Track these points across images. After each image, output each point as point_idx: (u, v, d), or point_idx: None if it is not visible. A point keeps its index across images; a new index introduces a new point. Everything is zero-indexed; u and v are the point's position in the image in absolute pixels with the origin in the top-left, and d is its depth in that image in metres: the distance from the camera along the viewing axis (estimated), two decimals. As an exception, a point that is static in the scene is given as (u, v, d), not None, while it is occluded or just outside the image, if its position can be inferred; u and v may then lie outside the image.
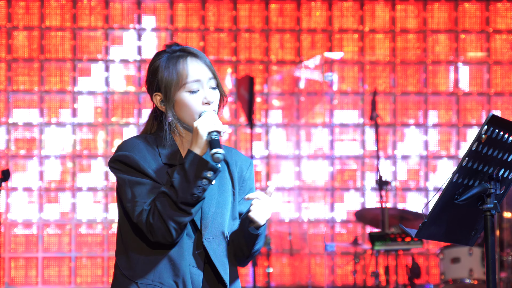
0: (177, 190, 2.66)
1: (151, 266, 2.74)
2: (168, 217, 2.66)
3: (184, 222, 2.67)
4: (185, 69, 2.77)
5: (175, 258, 2.73)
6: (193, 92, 2.77)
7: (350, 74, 8.68)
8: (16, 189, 8.32)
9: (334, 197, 8.55)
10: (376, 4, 8.67)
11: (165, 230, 2.67)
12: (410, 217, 7.26)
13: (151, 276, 2.73)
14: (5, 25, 8.38)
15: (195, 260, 2.75)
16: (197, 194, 2.66)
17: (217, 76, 2.80)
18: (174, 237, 2.68)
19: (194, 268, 2.75)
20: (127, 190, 2.74)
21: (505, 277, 6.93)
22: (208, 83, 2.78)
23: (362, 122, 8.63)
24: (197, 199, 2.66)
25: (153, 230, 2.68)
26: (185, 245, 2.74)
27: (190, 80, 2.77)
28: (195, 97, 2.76)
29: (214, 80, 2.79)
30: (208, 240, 2.75)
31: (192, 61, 2.78)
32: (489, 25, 8.71)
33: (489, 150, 2.75)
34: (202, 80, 2.77)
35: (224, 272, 2.76)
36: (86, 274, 8.30)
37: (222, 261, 2.77)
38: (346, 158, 8.62)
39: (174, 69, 2.77)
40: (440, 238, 2.87)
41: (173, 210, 2.66)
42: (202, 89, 2.77)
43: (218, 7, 8.56)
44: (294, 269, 8.51)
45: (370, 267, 7.42)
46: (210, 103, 2.76)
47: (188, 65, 2.78)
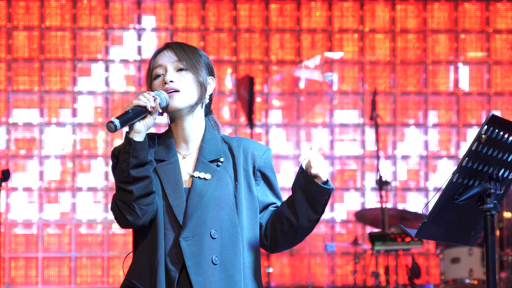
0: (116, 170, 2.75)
1: (137, 262, 2.78)
2: (117, 199, 2.73)
3: (128, 200, 2.70)
4: (153, 59, 2.85)
5: (152, 254, 2.75)
6: (156, 77, 2.83)
7: (350, 74, 8.68)
8: (16, 189, 8.32)
9: (334, 197, 8.55)
10: (376, 4, 8.67)
11: (119, 212, 2.73)
12: (410, 217, 7.26)
13: (136, 272, 2.78)
14: (5, 25, 8.38)
15: (174, 257, 2.74)
16: (125, 170, 2.68)
17: (190, 60, 2.81)
18: (129, 218, 2.71)
19: (172, 265, 2.73)
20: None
21: (505, 277, 6.93)
22: (173, 65, 2.81)
23: (362, 122, 8.63)
24: (128, 175, 2.68)
25: (115, 216, 2.76)
26: (162, 239, 2.74)
27: (154, 67, 2.83)
28: (157, 82, 2.82)
29: (181, 63, 2.80)
30: (186, 239, 2.73)
31: (163, 52, 2.84)
32: (489, 25, 8.71)
33: (489, 150, 2.75)
34: (164, 64, 2.81)
35: (196, 273, 2.71)
36: (86, 274, 8.30)
37: (197, 261, 2.72)
38: (346, 158, 8.62)
39: (150, 60, 2.87)
40: (440, 238, 2.87)
41: (117, 192, 2.73)
42: (165, 73, 2.81)
43: (218, 7, 8.56)
44: (294, 269, 8.51)
45: (370, 267, 7.42)
46: (167, 83, 2.78)
47: (158, 55, 2.84)
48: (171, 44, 2.86)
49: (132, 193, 2.69)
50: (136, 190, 2.69)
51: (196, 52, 2.86)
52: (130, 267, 2.81)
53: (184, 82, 2.79)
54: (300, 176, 2.77)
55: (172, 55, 2.81)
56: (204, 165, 2.80)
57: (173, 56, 2.81)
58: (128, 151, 2.68)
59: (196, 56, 2.84)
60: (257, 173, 2.86)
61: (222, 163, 2.81)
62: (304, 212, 2.76)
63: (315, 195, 2.73)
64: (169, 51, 2.83)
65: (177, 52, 2.82)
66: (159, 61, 2.82)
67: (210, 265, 2.73)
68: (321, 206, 2.76)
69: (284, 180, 8.57)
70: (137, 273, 2.77)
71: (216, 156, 2.83)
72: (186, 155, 2.85)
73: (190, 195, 2.76)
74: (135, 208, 2.70)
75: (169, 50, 2.83)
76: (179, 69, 2.80)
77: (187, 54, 2.82)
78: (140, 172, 2.70)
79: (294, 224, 2.79)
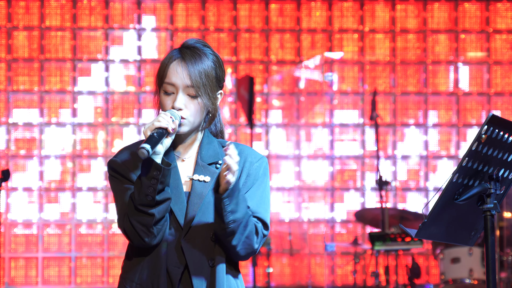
0: (135, 193, 2.69)
1: (137, 267, 2.77)
2: (134, 220, 2.69)
3: (148, 223, 2.68)
4: (167, 69, 2.78)
5: (154, 257, 2.74)
6: (167, 93, 2.78)
7: (350, 74, 8.68)
8: (16, 189, 8.32)
9: (334, 197, 8.55)
10: (376, 4, 8.67)
11: (135, 233, 2.70)
12: (410, 217, 7.26)
13: (136, 278, 2.77)
14: (5, 25, 8.38)
15: (175, 260, 2.74)
16: (149, 195, 2.66)
17: (202, 87, 2.76)
18: (146, 240, 2.70)
19: (173, 268, 2.74)
20: (114, 198, 2.82)
21: (505, 277, 6.93)
22: (185, 90, 2.76)
23: (362, 122, 8.63)
24: (152, 199, 2.66)
25: (127, 234, 2.73)
26: (166, 244, 2.74)
27: (166, 81, 2.78)
28: (168, 99, 2.77)
29: (193, 89, 2.75)
30: (188, 241, 2.73)
31: (178, 64, 2.77)
32: (489, 25, 8.71)
33: (489, 150, 2.75)
34: (177, 85, 2.76)
35: (197, 276, 2.72)
36: (86, 274, 8.30)
37: (199, 262, 2.73)
38: (346, 158, 8.62)
39: (162, 65, 2.80)
40: (440, 238, 2.87)
41: (136, 213, 2.69)
42: (176, 93, 2.77)
43: (218, 7, 8.56)
44: (294, 269, 8.51)
45: (370, 267, 7.42)
46: (176, 109, 2.75)
47: (171, 66, 2.77)
48: (186, 56, 2.78)
49: (153, 216, 2.68)
50: (157, 213, 2.68)
51: (209, 66, 2.79)
52: (129, 273, 2.79)
53: (192, 111, 2.76)
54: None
55: (186, 77, 2.75)
56: (203, 168, 2.81)
57: (187, 79, 2.75)
58: (156, 177, 2.65)
59: (209, 76, 2.78)
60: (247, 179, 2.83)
61: (220, 165, 2.81)
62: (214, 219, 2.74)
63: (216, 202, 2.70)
64: (183, 68, 2.75)
65: (191, 74, 2.75)
66: (172, 78, 2.76)
67: (208, 267, 2.74)
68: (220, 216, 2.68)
69: (284, 180, 8.58)
70: (137, 279, 2.76)
71: (214, 159, 2.83)
72: (185, 158, 2.85)
73: (190, 198, 2.76)
74: (153, 230, 2.70)
75: (183, 67, 2.76)
76: (189, 95, 2.76)
77: (201, 77, 2.76)
78: (163, 195, 2.69)
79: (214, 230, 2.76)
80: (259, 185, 2.83)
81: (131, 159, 2.80)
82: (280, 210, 8.57)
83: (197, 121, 2.79)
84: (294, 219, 8.54)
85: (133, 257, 2.79)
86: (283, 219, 8.55)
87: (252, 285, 7.68)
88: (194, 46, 2.81)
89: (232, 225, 2.68)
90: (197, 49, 2.80)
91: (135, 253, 2.78)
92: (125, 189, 2.77)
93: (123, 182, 2.79)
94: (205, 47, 2.83)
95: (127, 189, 2.76)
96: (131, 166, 2.78)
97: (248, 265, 8.33)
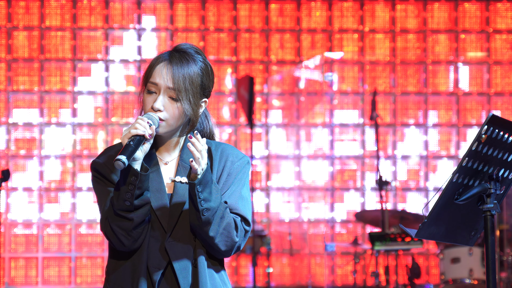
0: (113, 198, 2.71)
1: (118, 269, 2.79)
2: (114, 225, 2.71)
3: (128, 227, 2.69)
4: (153, 69, 2.79)
5: (135, 259, 2.75)
6: (149, 92, 2.79)
7: (350, 74, 8.68)
8: (16, 189, 8.33)
9: (334, 197, 8.55)
10: (376, 4, 8.67)
11: (115, 237, 2.72)
12: (410, 217, 7.26)
13: (118, 280, 2.78)
14: (5, 25, 8.38)
15: (158, 262, 2.75)
16: (127, 200, 2.67)
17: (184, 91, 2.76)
18: (126, 243, 2.72)
19: (154, 269, 2.75)
20: (97, 199, 2.83)
21: (505, 277, 6.93)
22: (166, 91, 2.76)
23: (362, 122, 8.63)
24: (130, 204, 2.67)
25: (108, 238, 2.75)
26: (147, 246, 2.75)
27: (150, 80, 2.78)
28: (149, 98, 2.78)
29: (174, 92, 2.75)
30: (171, 242, 2.75)
31: (164, 65, 2.78)
32: (489, 25, 8.71)
33: (489, 150, 2.75)
34: (159, 85, 2.76)
35: (183, 276, 2.74)
36: (86, 274, 8.30)
37: (184, 264, 2.75)
38: (346, 158, 8.62)
39: (150, 64, 2.81)
40: (440, 238, 2.87)
41: (115, 217, 2.71)
42: (158, 94, 2.77)
43: (218, 7, 8.56)
44: (294, 269, 8.51)
45: (370, 267, 7.42)
46: (155, 110, 2.75)
47: (157, 67, 2.78)
48: (173, 59, 2.79)
49: (132, 220, 2.69)
50: (136, 217, 2.70)
51: (195, 73, 2.80)
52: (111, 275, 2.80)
53: (171, 113, 2.76)
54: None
55: (169, 79, 2.75)
56: (186, 169, 2.81)
57: (169, 81, 2.75)
58: (133, 182, 2.67)
59: (193, 82, 2.78)
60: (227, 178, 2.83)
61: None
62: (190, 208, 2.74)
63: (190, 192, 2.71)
64: (169, 70, 2.76)
65: (175, 76, 2.75)
66: (156, 78, 2.77)
67: (193, 268, 2.76)
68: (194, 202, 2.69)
69: (284, 180, 8.58)
70: (118, 281, 2.77)
71: None
72: (168, 161, 2.85)
73: (173, 200, 2.77)
74: (133, 233, 2.71)
75: (169, 69, 2.76)
76: (170, 97, 2.76)
77: (184, 82, 2.76)
78: (141, 200, 2.70)
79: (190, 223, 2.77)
80: (238, 182, 2.84)
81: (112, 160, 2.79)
82: (280, 210, 8.57)
83: (176, 125, 2.79)
84: (294, 219, 8.54)
85: (115, 259, 2.80)
86: (283, 219, 8.56)
87: (252, 285, 7.68)
88: (185, 51, 2.82)
89: (206, 213, 2.69)
90: (187, 54, 2.81)
91: (117, 256, 2.80)
92: (107, 192, 2.78)
93: (106, 184, 2.80)
94: (197, 53, 2.83)
95: (109, 192, 2.77)
96: (113, 168, 2.78)
97: (248, 265, 8.34)
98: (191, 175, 2.68)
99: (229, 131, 8.56)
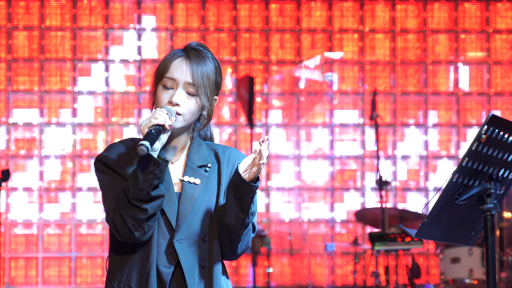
0: (129, 187, 2.69)
1: (125, 267, 2.78)
2: (126, 215, 2.69)
3: (140, 218, 2.68)
4: (169, 64, 2.80)
5: (144, 258, 2.75)
6: (165, 87, 2.79)
7: (350, 74, 8.68)
8: (16, 189, 8.33)
9: (334, 197, 8.55)
10: (376, 4, 8.67)
11: (126, 229, 2.70)
12: (410, 217, 7.26)
13: (124, 278, 2.77)
14: (5, 25, 8.38)
15: (167, 260, 2.75)
16: (145, 190, 2.66)
17: (203, 87, 2.78)
18: (136, 235, 2.70)
19: (164, 268, 2.75)
20: (102, 191, 2.81)
21: (505, 277, 6.93)
22: (184, 86, 2.78)
23: (362, 122, 8.63)
24: (147, 194, 2.67)
25: (117, 229, 2.72)
26: (156, 244, 2.75)
27: (167, 75, 2.79)
28: (165, 93, 2.79)
29: (193, 87, 2.77)
30: (180, 241, 2.75)
31: (182, 61, 2.80)
32: (489, 25, 8.71)
33: (489, 150, 2.75)
34: (177, 80, 2.78)
35: (190, 275, 2.74)
36: (86, 274, 8.30)
37: (191, 263, 2.76)
38: (346, 158, 8.62)
39: (164, 60, 2.82)
40: (440, 238, 2.87)
41: (128, 207, 2.69)
42: (175, 89, 2.78)
43: (218, 7, 8.56)
44: (294, 269, 8.51)
45: (370, 267, 7.42)
46: (173, 104, 2.76)
47: (175, 62, 2.80)
48: (191, 55, 2.81)
49: (146, 211, 2.68)
50: (150, 209, 2.69)
51: (210, 70, 2.83)
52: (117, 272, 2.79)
53: (189, 108, 2.78)
54: (233, 173, 2.77)
55: (188, 74, 2.78)
56: (193, 170, 2.82)
57: (188, 76, 2.77)
58: (153, 171, 2.66)
59: (210, 78, 2.82)
60: None
61: (209, 168, 2.83)
62: (231, 210, 2.75)
63: (241, 192, 2.72)
64: (187, 65, 2.79)
65: (194, 72, 2.78)
66: (174, 73, 2.78)
67: (200, 267, 2.77)
68: (247, 204, 2.73)
69: (284, 180, 8.58)
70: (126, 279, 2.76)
71: (204, 162, 2.85)
72: (175, 160, 2.86)
73: (181, 199, 2.78)
74: (144, 225, 2.70)
75: (187, 64, 2.79)
76: (188, 92, 2.78)
77: (203, 77, 2.79)
78: (157, 192, 2.70)
79: (222, 223, 2.79)
80: None
81: (123, 154, 2.80)
82: (280, 210, 8.57)
83: (191, 120, 2.81)
84: (294, 219, 8.54)
85: (119, 256, 2.79)
86: (283, 219, 8.55)
87: (252, 285, 7.68)
88: (198, 48, 2.84)
89: (251, 216, 2.76)
90: (202, 52, 2.84)
91: (122, 252, 2.78)
92: (117, 184, 2.77)
93: (114, 176, 2.79)
94: (207, 51, 2.87)
95: (118, 184, 2.76)
96: (122, 161, 2.79)
97: (248, 265, 8.34)
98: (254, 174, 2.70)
99: (229, 131, 8.56)
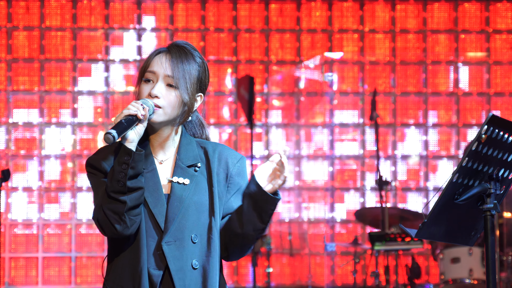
0: (107, 181, 2.70)
1: (117, 270, 2.78)
2: (107, 209, 2.69)
3: (120, 211, 2.67)
4: (150, 59, 2.82)
5: (133, 260, 2.74)
6: (146, 80, 2.80)
7: (350, 74, 8.68)
8: (16, 189, 8.33)
9: (334, 197, 8.55)
10: (376, 4, 8.67)
11: (107, 222, 2.70)
12: (410, 217, 7.26)
13: (116, 280, 2.78)
14: (5, 25, 8.38)
15: (155, 262, 2.75)
16: (121, 180, 2.66)
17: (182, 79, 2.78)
18: (118, 228, 2.69)
19: (154, 270, 2.74)
20: (93, 192, 2.81)
21: (505, 277, 6.93)
22: (164, 79, 2.78)
23: (362, 122, 8.63)
24: (123, 185, 2.66)
25: (100, 224, 2.72)
26: (145, 247, 2.74)
27: (148, 69, 2.80)
28: (146, 87, 2.80)
29: (172, 79, 2.77)
30: (168, 243, 2.74)
31: (163, 55, 2.81)
32: (489, 25, 8.71)
33: (489, 150, 2.75)
34: (157, 73, 2.78)
35: (179, 278, 2.73)
36: (86, 274, 8.30)
37: (179, 265, 2.74)
38: (346, 158, 8.62)
39: (147, 58, 2.84)
40: (440, 238, 2.87)
41: (108, 200, 2.69)
42: (155, 82, 2.79)
43: (218, 7, 8.56)
44: (294, 269, 8.51)
45: (370, 267, 7.42)
46: (152, 96, 2.76)
47: (156, 57, 2.81)
48: (172, 51, 2.81)
49: (125, 203, 2.67)
50: (129, 200, 2.68)
51: (193, 66, 2.81)
52: (110, 275, 2.79)
53: (168, 100, 2.77)
54: (250, 183, 2.77)
55: (168, 67, 2.78)
56: (183, 170, 2.81)
57: (168, 69, 2.77)
58: (127, 161, 2.66)
59: (191, 73, 2.80)
60: (229, 180, 2.86)
61: (199, 168, 2.82)
62: (249, 220, 2.76)
63: (262, 204, 2.74)
64: (167, 59, 2.79)
65: (174, 65, 2.78)
66: (154, 66, 2.79)
67: (190, 269, 2.75)
68: (267, 216, 2.77)
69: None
70: (118, 282, 2.76)
71: (193, 161, 2.84)
72: (163, 160, 2.85)
73: (170, 200, 2.77)
74: (126, 218, 2.69)
75: (167, 58, 2.79)
76: (168, 84, 2.78)
77: (183, 71, 2.78)
78: (135, 183, 2.69)
79: (239, 232, 2.79)
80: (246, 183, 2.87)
81: (109, 156, 2.80)
82: (280, 210, 8.57)
83: (173, 114, 2.79)
84: (294, 219, 8.54)
85: (113, 259, 2.79)
86: (283, 219, 8.55)
87: (252, 285, 7.68)
88: (182, 46, 2.85)
89: (267, 225, 2.79)
90: (185, 49, 2.84)
91: (116, 255, 2.79)
92: (101, 183, 2.77)
93: (99, 176, 2.79)
94: (193, 50, 2.86)
95: (103, 183, 2.76)
96: (109, 162, 2.79)
97: (248, 265, 8.34)
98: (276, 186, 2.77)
99: (229, 131, 8.56)
